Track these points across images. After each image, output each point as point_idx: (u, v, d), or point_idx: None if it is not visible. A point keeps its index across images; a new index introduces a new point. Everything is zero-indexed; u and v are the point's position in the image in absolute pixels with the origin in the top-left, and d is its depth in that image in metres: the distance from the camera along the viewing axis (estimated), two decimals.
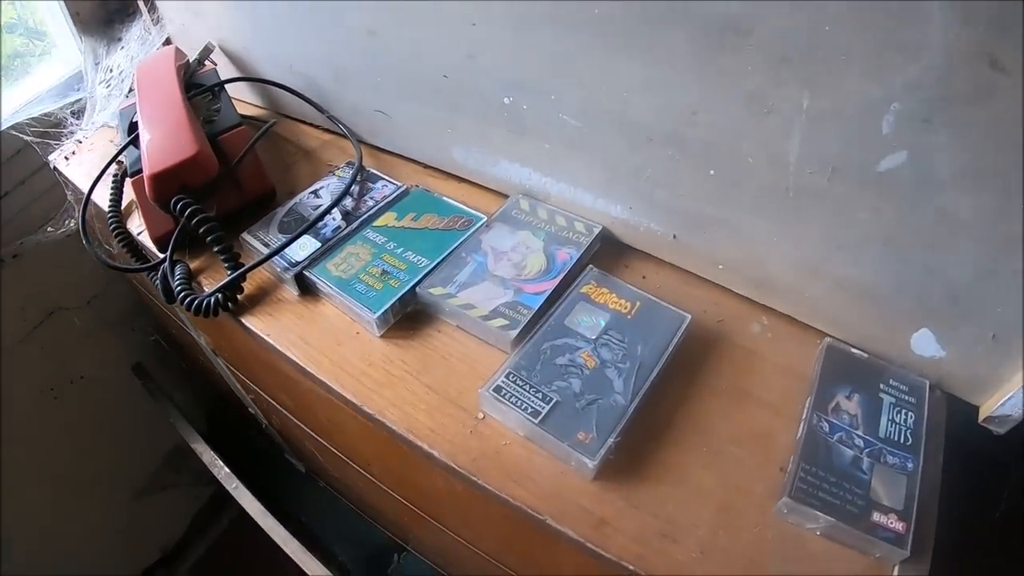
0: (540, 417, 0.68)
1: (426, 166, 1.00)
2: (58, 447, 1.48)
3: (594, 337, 0.75)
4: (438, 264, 0.82)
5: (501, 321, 0.78)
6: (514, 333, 0.76)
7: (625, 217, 0.85)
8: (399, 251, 0.84)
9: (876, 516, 0.59)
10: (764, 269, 0.77)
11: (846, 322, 0.73)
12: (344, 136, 1.03)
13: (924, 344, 0.67)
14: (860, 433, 0.65)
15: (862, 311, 0.70)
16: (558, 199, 0.88)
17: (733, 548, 0.59)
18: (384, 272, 0.81)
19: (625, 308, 0.78)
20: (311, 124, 1.11)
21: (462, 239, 0.85)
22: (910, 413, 0.66)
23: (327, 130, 1.09)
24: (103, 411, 1.55)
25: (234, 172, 0.91)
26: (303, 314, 0.82)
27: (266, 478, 1.56)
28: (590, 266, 0.83)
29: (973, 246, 0.58)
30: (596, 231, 0.87)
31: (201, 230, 0.80)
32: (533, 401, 0.70)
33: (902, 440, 0.64)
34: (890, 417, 0.66)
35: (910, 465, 0.62)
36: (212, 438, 1.57)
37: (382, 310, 0.77)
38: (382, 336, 0.78)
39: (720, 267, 0.81)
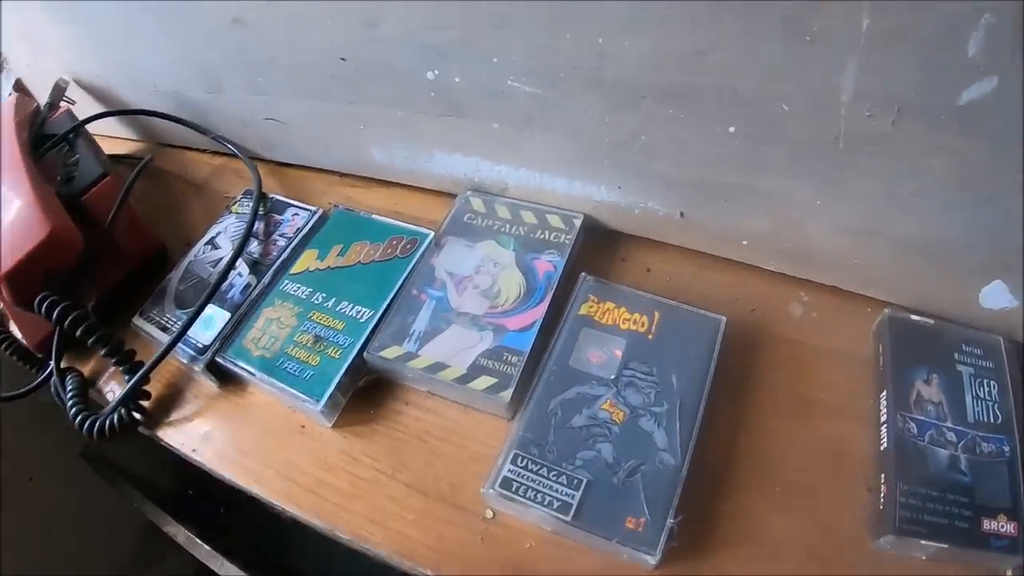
0: (572, 512, 0.50)
1: (343, 175, 0.83)
2: (19, 556, 1.30)
3: (612, 376, 0.57)
4: (385, 312, 0.64)
5: (486, 380, 0.58)
6: (508, 394, 0.57)
7: (614, 199, 0.66)
8: (331, 303, 0.66)
9: (986, 524, 0.49)
10: (803, 238, 0.60)
11: (905, 286, 0.61)
12: (236, 156, 0.84)
13: (995, 297, 0.57)
14: (949, 424, 0.54)
15: (924, 271, 0.58)
16: (520, 189, 0.71)
17: None
18: (317, 339, 0.63)
19: (642, 325, 0.59)
20: (197, 149, 0.92)
21: (408, 270, 0.67)
22: (992, 382, 0.56)
23: (216, 152, 0.90)
24: (62, 507, 1.36)
25: (109, 235, 0.72)
26: (230, 413, 0.65)
27: (259, 526, 1.37)
28: (583, 275, 0.64)
29: None
30: (578, 223, 0.67)
31: (77, 332, 0.62)
32: (556, 490, 0.51)
33: (991, 419, 0.54)
34: (974, 394, 0.56)
35: (1007, 448, 0.53)
36: (189, 503, 1.38)
37: (326, 395, 0.59)
38: (334, 427, 0.61)
39: (745, 243, 0.64)
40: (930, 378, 0.56)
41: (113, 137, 0.98)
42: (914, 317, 0.60)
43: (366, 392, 0.63)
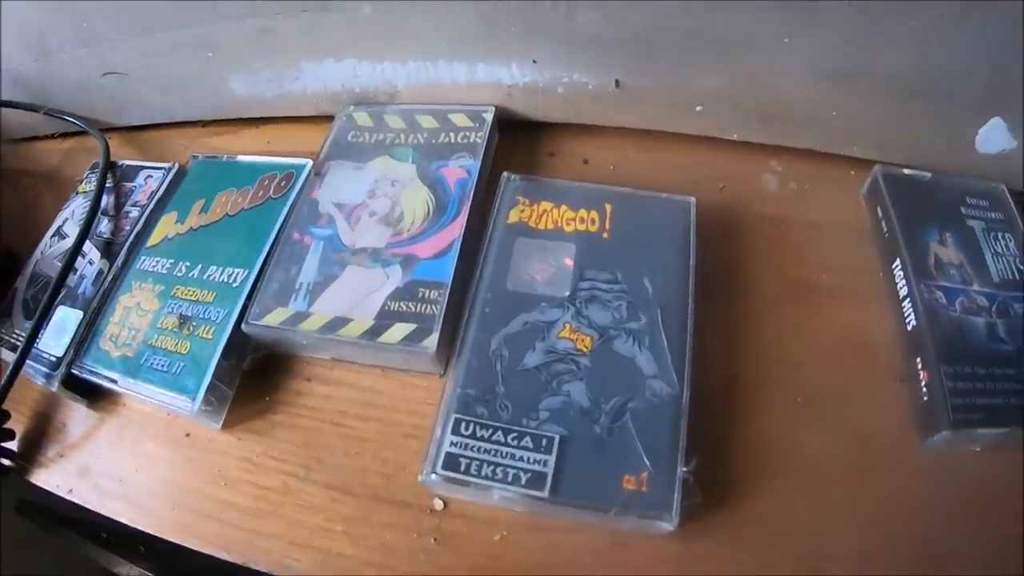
0: (547, 484, 0.35)
1: (206, 123, 0.67)
2: None
3: (567, 293, 0.42)
4: (263, 268, 0.48)
5: (402, 328, 0.42)
6: (432, 341, 0.41)
7: (530, 79, 0.51)
8: (196, 272, 0.50)
9: None
10: (770, 93, 0.48)
11: (893, 138, 0.51)
12: (85, 132, 0.67)
13: (993, 139, 0.48)
14: (976, 288, 0.45)
15: (915, 116, 0.48)
16: (412, 90, 0.55)
17: (896, 528, 0.39)
18: (183, 319, 0.47)
19: (592, 223, 0.44)
20: (46, 136, 0.74)
21: (285, 212, 0.51)
22: (1007, 235, 0.48)
23: (67, 134, 0.72)
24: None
25: None
26: (105, 434, 0.49)
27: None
28: (506, 175, 0.48)
29: None
30: (489, 116, 0.52)
31: None
32: (521, 457, 0.36)
33: (1016, 276, 0.46)
34: (992, 250, 0.47)
35: None
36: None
37: (202, 388, 0.43)
38: (225, 427, 0.46)
39: (699, 109, 0.49)
40: (944, 237, 0.47)
41: None
42: (907, 171, 0.50)
43: (257, 375, 0.48)
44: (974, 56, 0.44)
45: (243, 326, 0.45)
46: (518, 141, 0.55)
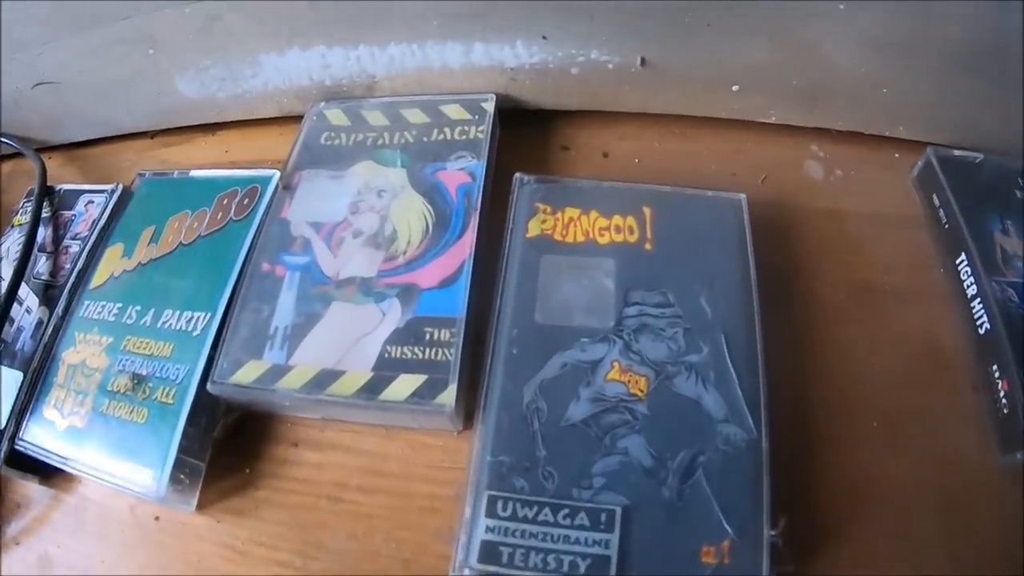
0: (613, 569, 0.27)
1: (154, 134, 0.57)
2: None
3: (611, 323, 0.33)
4: (228, 311, 0.39)
5: (408, 380, 0.33)
6: (450, 395, 0.32)
7: (538, 59, 0.42)
8: (149, 318, 0.41)
9: None
10: (818, 68, 0.41)
11: (942, 115, 0.45)
12: (21, 154, 0.58)
13: None
14: None
15: (967, 92, 0.42)
16: (395, 79, 0.46)
17: (986, 562, 0.33)
18: (137, 379, 0.38)
19: (631, 232, 0.36)
20: None
21: (250, 237, 0.41)
22: None
23: (5, 156, 0.62)
24: None
25: None
26: (63, 519, 0.40)
27: None
28: (519, 177, 0.39)
29: None
30: (489, 106, 0.43)
31: None
32: (576, 539, 0.28)
33: None
34: None
35: None
36: None
37: (166, 469, 0.35)
38: (200, 509, 0.37)
39: (735, 88, 0.42)
40: (1006, 226, 0.41)
41: None
42: (957, 153, 0.44)
43: (232, 442, 0.39)
44: None
45: (209, 386, 0.36)
46: (524, 134, 0.47)
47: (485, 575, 0.29)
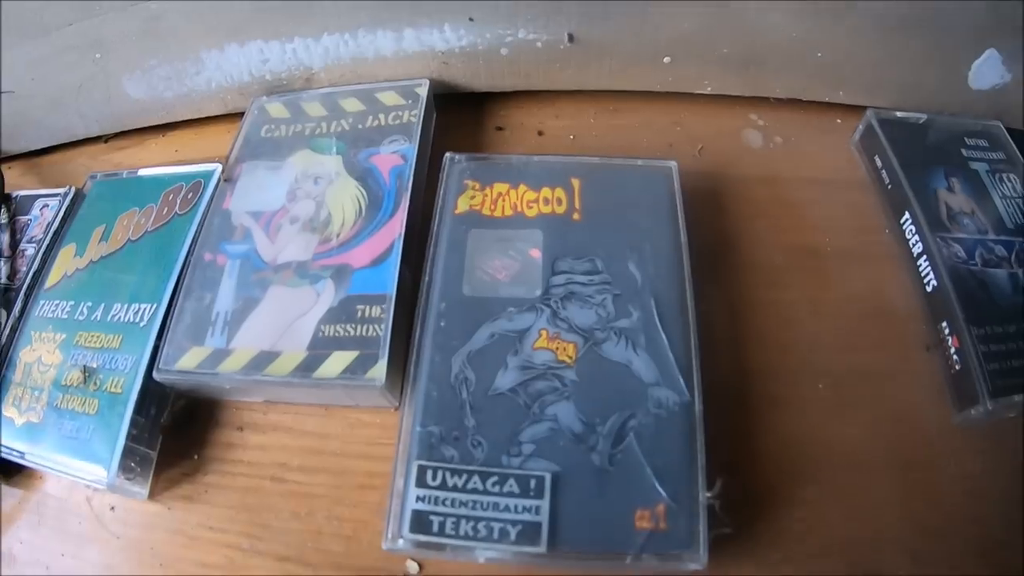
0: (543, 536, 0.27)
1: (107, 138, 0.57)
2: None
3: (538, 292, 0.33)
4: (172, 301, 0.38)
5: (341, 357, 0.32)
6: (380, 370, 0.32)
7: (467, 41, 0.42)
8: (99, 313, 0.40)
9: None
10: (748, 34, 0.41)
11: (882, 77, 0.45)
12: None
13: (986, 72, 0.43)
14: (992, 236, 0.39)
15: (905, 52, 0.43)
16: (331, 70, 0.45)
17: (944, 519, 0.33)
18: (87, 372, 0.38)
19: (559, 204, 0.36)
20: None
21: (192, 229, 0.41)
22: (1011, 176, 0.42)
23: None
24: None
25: None
26: (24, 517, 0.39)
27: None
28: (449, 155, 0.39)
29: None
30: (423, 91, 0.42)
31: None
32: (506, 506, 0.27)
33: None
34: (1000, 193, 0.42)
35: None
36: None
37: (116, 457, 0.34)
38: (152, 497, 0.37)
39: (667, 60, 0.41)
40: (951, 183, 0.41)
41: None
42: (900, 114, 0.44)
43: (180, 429, 0.38)
44: None
45: (155, 374, 0.36)
46: (460, 117, 0.47)
47: (416, 544, 0.28)
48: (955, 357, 0.36)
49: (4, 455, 0.39)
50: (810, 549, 0.32)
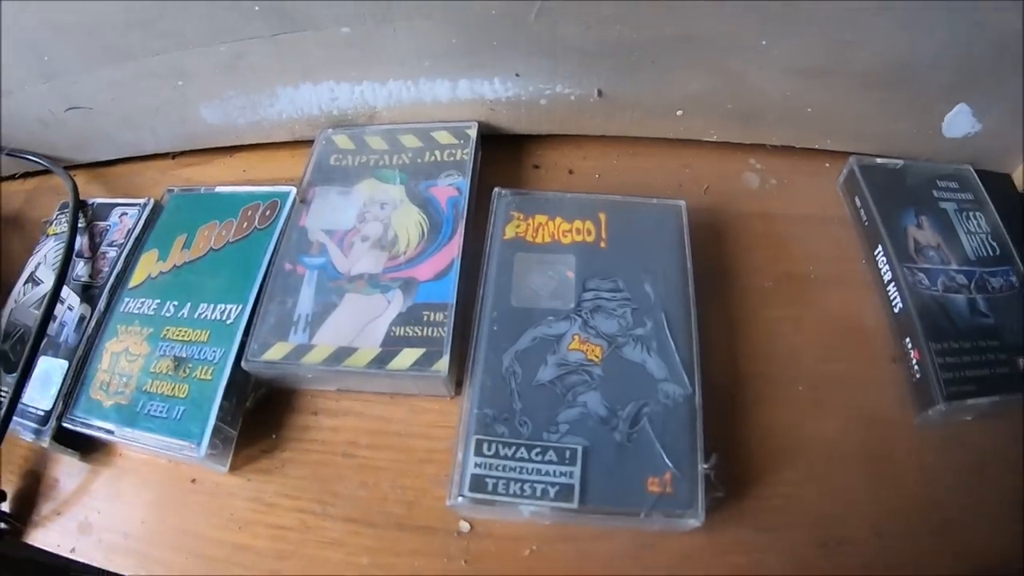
0: (576, 494, 0.36)
1: (176, 155, 0.65)
2: None
3: (572, 305, 0.43)
4: (257, 303, 0.47)
5: (410, 353, 0.42)
6: (444, 364, 0.41)
7: (513, 92, 0.52)
8: (186, 311, 0.49)
9: (1022, 362, 0.44)
10: (748, 93, 0.51)
11: (865, 128, 0.54)
12: (49, 171, 0.65)
13: (958, 123, 0.52)
14: (955, 267, 0.48)
15: (885, 106, 0.52)
16: (392, 110, 0.55)
17: (904, 501, 0.42)
18: (178, 361, 0.46)
19: (589, 234, 0.46)
20: (7, 177, 0.71)
21: (273, 242, 0.50)
22: (977, 214, 0.51)
23: (29, 173, 0.70)
24: None
25: None
26: (103, 488, 0.47)
27: None
28: (497, 190, 0.49)
29: None
30: (473, 132, 0.53)
31: None
32: (547, 472, 0.37)
33: (990, 252, 0.49)
34: (965, 229, 0.50)
35: (1014, 278, 0.48)
36: None
37: (206, 433, 0.43)
38: (232, 470, 0.45)
39: (679, 113, 0.52)
40: (920, 221, 0.50)
41: None
42: (880, 160, 0.53)
43: (260, 413, 0.47)
44: (939, 47, 0.46)
45: (243, 364, 0.45)
46: (502, 155, 0.57)
47: (474, 501, 0.37)
48: (916, 367, 0.44)
49: (90, 433, 0.47)
50: (787, 519, 0.41)
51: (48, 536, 0.47)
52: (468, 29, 0.48)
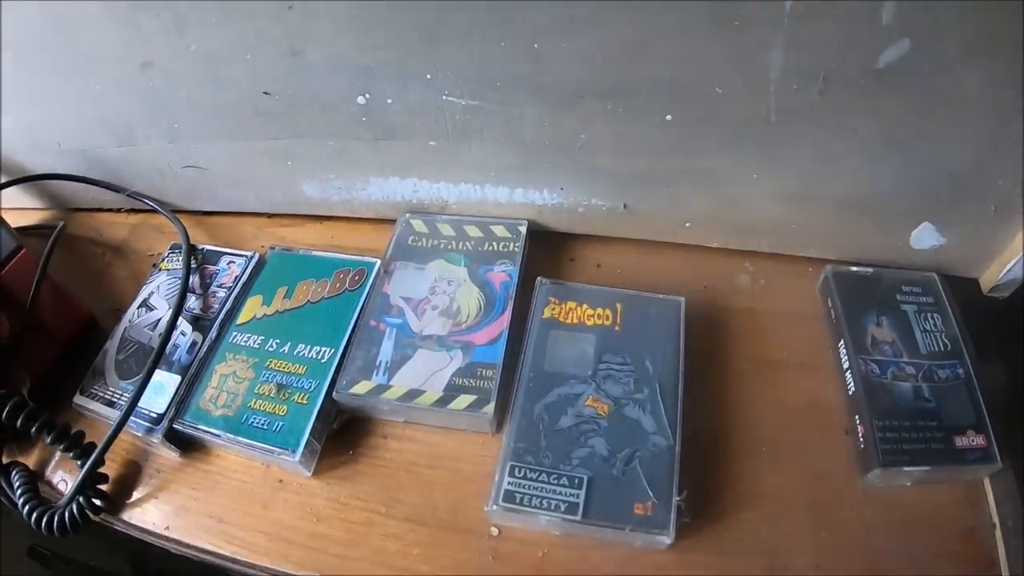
0: (580, 510, 0.55)
1: (271, 215, 0.85)
2: None
3: (590, 373, 0.62)
4: (346, 348, 0.66)
5: (466, 398, 0.62)
6: (491, 408, 0.61)
7: (557, 201, 0.72)
8: (287, 348, 0.67)
9: (959, 441, 0.57)
10: (743, 212, 0.68)
11: (841, 242, 0.70)
12: (156, 211, 0.84)
13: (924, 238, 0.66)
14: (906, 359, 0.62)
15: (858, 225, 0.67)
16: (460, 204, 0.76)
17: (843, 545, 0.56)
18: (280, 387, 0.64)
19: (607, 319, 0.65)
20: (111, 209, 0.90)
21: (361, 302, 0.70)
22: (935, 315, 0.66)
23: (133, 210, 0.89)
24: None
25: (34, 315, 0.69)
26: (198, 480, 0.64)
27: None
28: (540, 280, 0.69)
29: (977, 124, 0.56)
30: (523, 229, 0.73)
31: (18, 423, 0.61)
32: (559, 492, 0.56)
33: (942, 348, 0.63)
34: (922, 328, 0.65)
35: (960, 371, 0.62)
36: None
37: (302, 443, 0.60)
38: (315, 475, 0.63)
39: (688, 225, 0.71)
40: (880, 321, 0.65)
41: (15, 209, 0.93)
42: (854, 268, 0.69)
43: (341, 434, 0.65)
44: (899, 180, 0.61)
45: (334, 394, 0.63)
46: (546, 248, 0.77)
47: (505, 509, 0.56)
48: (861, 439, 0.58)
49: (198, 435, 0.63)
50: (742, 548, 0.56)
51: (145, 515, 0.63)
52: (527, 152, 0.68)
